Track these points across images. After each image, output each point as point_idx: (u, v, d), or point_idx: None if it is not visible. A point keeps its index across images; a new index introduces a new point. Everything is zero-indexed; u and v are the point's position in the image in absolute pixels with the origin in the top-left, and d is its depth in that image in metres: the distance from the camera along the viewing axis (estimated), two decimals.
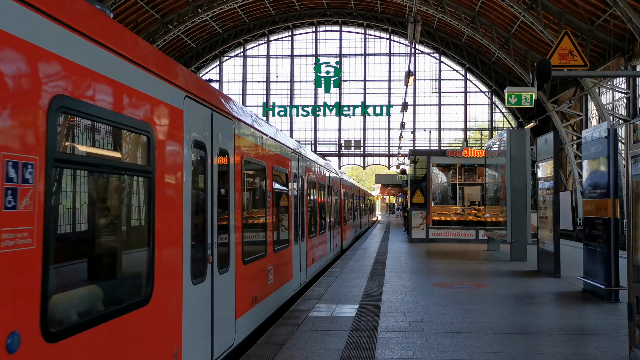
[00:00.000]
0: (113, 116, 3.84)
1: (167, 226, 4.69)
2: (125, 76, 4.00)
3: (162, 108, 4.64)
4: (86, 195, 4.14)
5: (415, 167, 26.24)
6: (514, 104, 19.27)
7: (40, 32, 3.10)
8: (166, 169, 4.67)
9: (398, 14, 50.15)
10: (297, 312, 8.68)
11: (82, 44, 3.51)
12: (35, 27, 3.06)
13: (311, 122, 54.84)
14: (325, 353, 6.39)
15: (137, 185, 4.63)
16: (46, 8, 3.16)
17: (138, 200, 4.66)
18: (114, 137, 4.19)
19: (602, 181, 9.69)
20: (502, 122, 52.77)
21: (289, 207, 10.49)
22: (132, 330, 4.03)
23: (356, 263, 15.52)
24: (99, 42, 3.69)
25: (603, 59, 32.55)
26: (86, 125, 3.85)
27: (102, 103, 3.70)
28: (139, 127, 4.19)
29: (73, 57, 3.39)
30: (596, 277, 9.98)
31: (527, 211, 15.96)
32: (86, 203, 4.16)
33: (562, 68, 11.44)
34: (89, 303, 3.83)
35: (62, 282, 3.55)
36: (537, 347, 6.75)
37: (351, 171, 73.59)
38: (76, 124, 3.75)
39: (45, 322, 3.04)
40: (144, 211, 4.50)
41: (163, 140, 4.61)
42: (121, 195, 4.49)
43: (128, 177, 4.52)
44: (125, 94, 4.02)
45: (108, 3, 32.70)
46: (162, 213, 4.56)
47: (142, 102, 4.28)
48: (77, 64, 3.44)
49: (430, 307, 9.07)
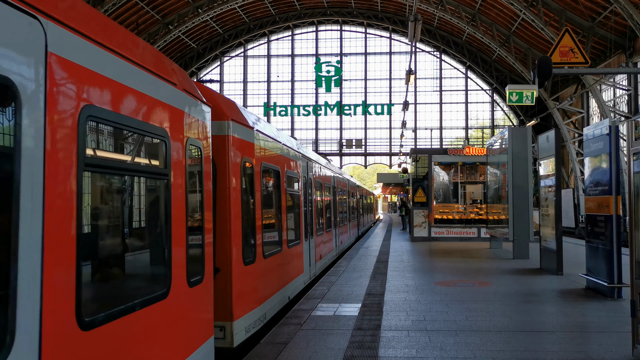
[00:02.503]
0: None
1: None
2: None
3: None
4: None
5: (417, 165, 26.22)
6: (515, 101, 19.27)
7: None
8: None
9: (398, 12, 50.13)
10: (300, 311, 8.68)
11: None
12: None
13: (312, 121, 54.86)
14: (329, 352, 6.39)
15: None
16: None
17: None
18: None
19: (604, 178, 9.68)
20: (503, 120, 52.73)
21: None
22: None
23: (359, 262, 15.52)
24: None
25: (604, 55, 32.51)
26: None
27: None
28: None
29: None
30: (599, 274, 9.97)
31: (529, 209, 15.94)
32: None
33: (563, 65, 11.41)
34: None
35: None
36: (540, 344, 6.75)
37: (353, 170, 73.63)
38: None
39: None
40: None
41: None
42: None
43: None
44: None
45: (108, 4, 32.73)
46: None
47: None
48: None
49: (433, 306, 9.07)
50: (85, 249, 3.34)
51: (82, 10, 3.49)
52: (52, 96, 3.00)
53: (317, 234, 13.54)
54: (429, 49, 52.66)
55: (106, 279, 3.97)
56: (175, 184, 4.56)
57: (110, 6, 33.11)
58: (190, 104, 5.05)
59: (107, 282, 3.96)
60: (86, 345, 3.23)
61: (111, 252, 4.14)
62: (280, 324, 7.81)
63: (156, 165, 4.56)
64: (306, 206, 11.96)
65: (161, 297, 4.21)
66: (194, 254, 4.99)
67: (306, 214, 11.88)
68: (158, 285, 4.33)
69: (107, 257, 4.09)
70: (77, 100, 3.27)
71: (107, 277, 4.01)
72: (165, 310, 4.28)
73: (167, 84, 4.56)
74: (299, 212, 11.09)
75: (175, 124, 4.65)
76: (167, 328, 4.35)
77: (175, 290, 4.42)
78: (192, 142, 4.97)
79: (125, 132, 4.07)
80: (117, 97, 3.72)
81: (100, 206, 4.04)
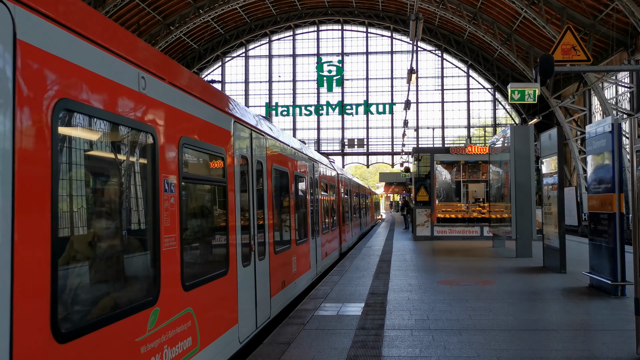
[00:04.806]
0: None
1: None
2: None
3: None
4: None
5: (419, 164, 26.20)
6: (517, 100, 19.23)
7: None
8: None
9: (399, 11, 50.09)
10: (303, 311, 8.68)
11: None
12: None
13: (314, 121, 54.85)
14: (332, 352, 6.39)
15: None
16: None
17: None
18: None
19: (606, 176, 9.65)
20: (505, 118, 52.66)
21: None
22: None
23: (361, 261, 15.51)
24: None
25: (606, 53, 32.44)
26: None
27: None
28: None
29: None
30: (602, 272, 9.95)
31: (531, 207, 15.92)
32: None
33: (565, 63, 11.39)
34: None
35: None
36: (544, 343, 6.74)
37: (355, 170, 73.58)
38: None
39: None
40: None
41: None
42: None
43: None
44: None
45: (110, 5, 32.76)
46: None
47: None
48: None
49: (436, 305, 9.05)
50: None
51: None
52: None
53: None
54: (431, 48, 52.62)
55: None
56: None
57: (112, 7, 33.13)
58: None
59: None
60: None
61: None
62: (283, 324, 7.81)
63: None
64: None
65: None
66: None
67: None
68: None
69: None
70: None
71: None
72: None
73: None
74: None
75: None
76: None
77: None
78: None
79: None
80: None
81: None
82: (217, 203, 6.14)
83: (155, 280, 4.29)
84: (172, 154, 4.63)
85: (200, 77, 5.82)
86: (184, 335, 4.74)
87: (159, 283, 4.30)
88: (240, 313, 6.38)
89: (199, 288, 5.11)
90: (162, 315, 4.28)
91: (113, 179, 4.25)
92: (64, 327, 3.08)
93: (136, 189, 4.40)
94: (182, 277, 4.73)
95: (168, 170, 4.53)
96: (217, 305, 5.66)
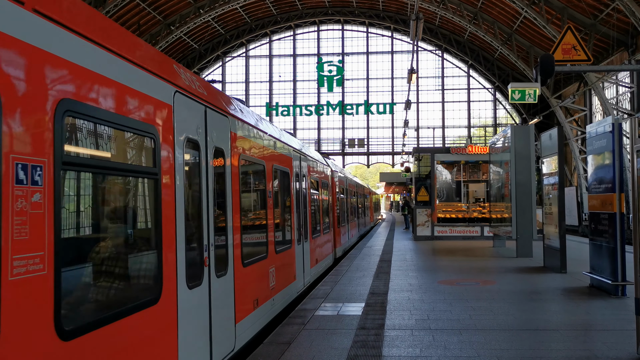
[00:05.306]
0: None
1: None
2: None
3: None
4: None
5: (420, 164, 26.20)
6: (517, 99, 19.26)
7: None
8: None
9: (400, 11, 50.08)
10: (303, 311, 8.68)
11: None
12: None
13: (314, 121, 54.85)
14: (332, 352, 6.39)
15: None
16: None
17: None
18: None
19: (607, 176, 9.65)
20: (505, 118, 52.64)
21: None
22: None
23: (362, 261, 15.51)
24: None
25: (607, 53, 32.43)
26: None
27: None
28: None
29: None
30: (602, 272, 9.94)
31: (532, 207, 15.91)
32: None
33: (566, 63, 11.39)
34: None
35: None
36: (545, 343, 6.73)
37: (355, 170, 73.60)
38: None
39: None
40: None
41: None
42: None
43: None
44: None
45: (110, 5, 32.76)
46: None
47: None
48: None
49: (437, 305, 9.05)
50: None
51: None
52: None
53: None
54: (431, 48, 52.61)
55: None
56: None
57: (112, 7, 33.13)
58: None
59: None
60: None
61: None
62: (283, 324, 7.80)
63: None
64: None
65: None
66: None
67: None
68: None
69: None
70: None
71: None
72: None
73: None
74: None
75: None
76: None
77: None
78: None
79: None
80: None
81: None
82: (138, 202, 4.67)
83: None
84: (38, 123, 3.02)
85: (128, 31, 4.44)
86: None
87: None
88: (181, 351, 4.79)
89: (103, 329, 3.60)
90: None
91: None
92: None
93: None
94: (57, 321, 3.09)
95: (26, 148, 2.92)
96: (137, 349, 4.11)
